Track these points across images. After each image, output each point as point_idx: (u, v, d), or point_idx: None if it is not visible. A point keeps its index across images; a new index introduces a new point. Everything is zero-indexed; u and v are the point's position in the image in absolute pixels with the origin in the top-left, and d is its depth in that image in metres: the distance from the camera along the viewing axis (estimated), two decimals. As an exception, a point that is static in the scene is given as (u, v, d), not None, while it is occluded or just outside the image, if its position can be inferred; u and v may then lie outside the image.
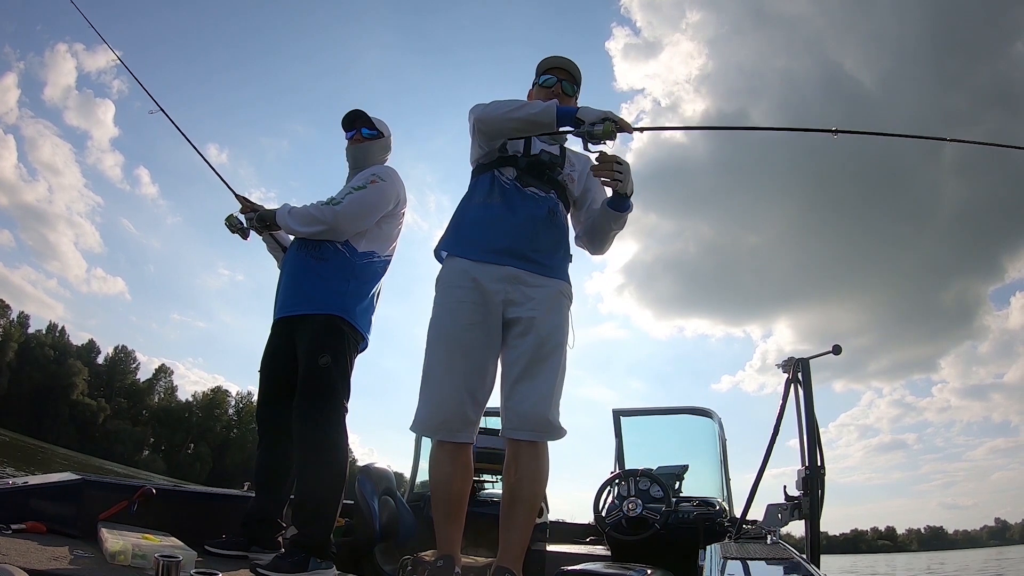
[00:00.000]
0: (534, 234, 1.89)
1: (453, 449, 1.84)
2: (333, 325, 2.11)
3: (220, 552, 2.02)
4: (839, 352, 2.27)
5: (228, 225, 2.44)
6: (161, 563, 1.40)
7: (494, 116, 1.90)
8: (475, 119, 1.93)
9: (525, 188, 1.94)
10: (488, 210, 1.91)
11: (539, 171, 1.97)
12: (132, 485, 2.08)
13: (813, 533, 2.08)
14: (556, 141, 2.08)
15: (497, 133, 1.94)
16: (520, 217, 1.89)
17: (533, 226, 1.90)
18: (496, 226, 1.89)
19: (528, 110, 1.86)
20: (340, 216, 2.14)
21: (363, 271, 2.21)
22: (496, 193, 1.93)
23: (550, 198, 1.97)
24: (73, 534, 1.80)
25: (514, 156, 1.98)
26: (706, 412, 3.13)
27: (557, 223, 1.97)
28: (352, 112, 2.36)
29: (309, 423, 2.02)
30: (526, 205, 1.92)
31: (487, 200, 1.93)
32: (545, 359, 1.84)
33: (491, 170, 1.97)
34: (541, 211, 1.93)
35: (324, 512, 2.00)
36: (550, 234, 1.94)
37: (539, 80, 2.10)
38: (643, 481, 2.64)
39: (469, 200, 1.99)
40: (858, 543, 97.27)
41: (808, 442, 2.20)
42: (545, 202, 1.95)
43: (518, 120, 1.87)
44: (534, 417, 1.80)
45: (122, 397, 56.48)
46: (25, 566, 1.35)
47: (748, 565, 1.50)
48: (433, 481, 1.88)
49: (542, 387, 1.82)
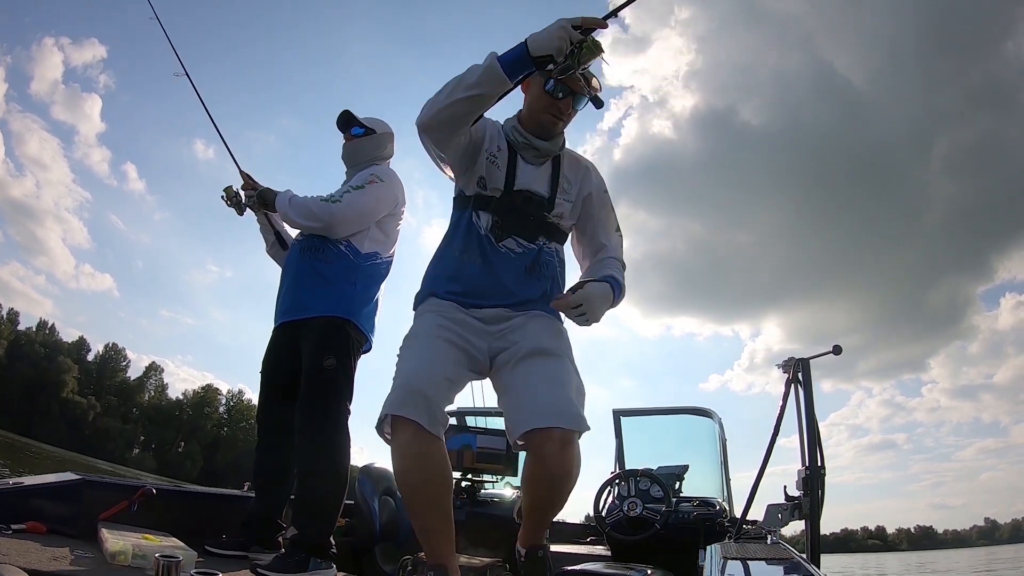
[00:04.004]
0: (517, 289, 1.67)
1: (421, 436, 1.44)
2: (338, 327, 2.11)
3: (220, 552, 2.01)
4: (839, 352, 2.28)
5: (225, 196, 2.42)
6: (161, 563, 1.39)
7: (433, 113, 1.56)
8: (418, 125, 1.60)
9: (499, 244, 1.66)
10: (465, 266, 1.67)
11: (520, 219, 1.67)
12: (132, 485, 2.07)
13: (813, 533, 2.09)
14: (543, 157, 1.73)
15: (448, 128, 1.58)
16: (499, 276, 1.66)
17: (515, 283, 1.67)
18: (474, 281, 1.66)
19: (467, 80, 1.51)
20: (337, 215, 2.12)
21: (367, 273, 2.21)
22: (473, 246, 1.67)
23: (532, 249, 1.68)
24: (73, 534, 1.79)
25: (492, 198, 1.68)
26: (706, 412, 3.15)
27: (545, 273, 1.71)
28: (340, 114, 2.35)
29: (312, 425, 2.02)
30: (503, 263, 1.66)
31: (463, 256, 1.68)
32: (550, 355, 1.61)
33: (468, 210, 1.70)
34: (519, 268, 1.68)
35: (325, 513, 1.99)
36: (537, 285, 1.69)
37: (546, 85, 1.67)
38: (643, 481, 2.64)
39: (448, 245, 1.73)
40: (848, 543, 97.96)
41: (808, 442, 2.21)
42: (524, 258, 1.68)
43: (460, 101, 1.52)
44: (558, 404, 1.51)
45: (112, 395, 56.17)
46: (25, 566, 1.34)
47: (748, 565, 1.51)
48: (405, 484, 1.50)
49: (556, 377, 1.57)
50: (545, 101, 1.68)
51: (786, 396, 2.30)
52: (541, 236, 1.70)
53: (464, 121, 1.58)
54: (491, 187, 1.68)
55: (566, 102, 1.68)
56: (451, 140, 1.61)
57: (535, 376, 1.57)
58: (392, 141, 2.39)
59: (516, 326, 1.65)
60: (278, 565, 1.84)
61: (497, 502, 2.90)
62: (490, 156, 1.69)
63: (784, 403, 2.29)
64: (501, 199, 1.67)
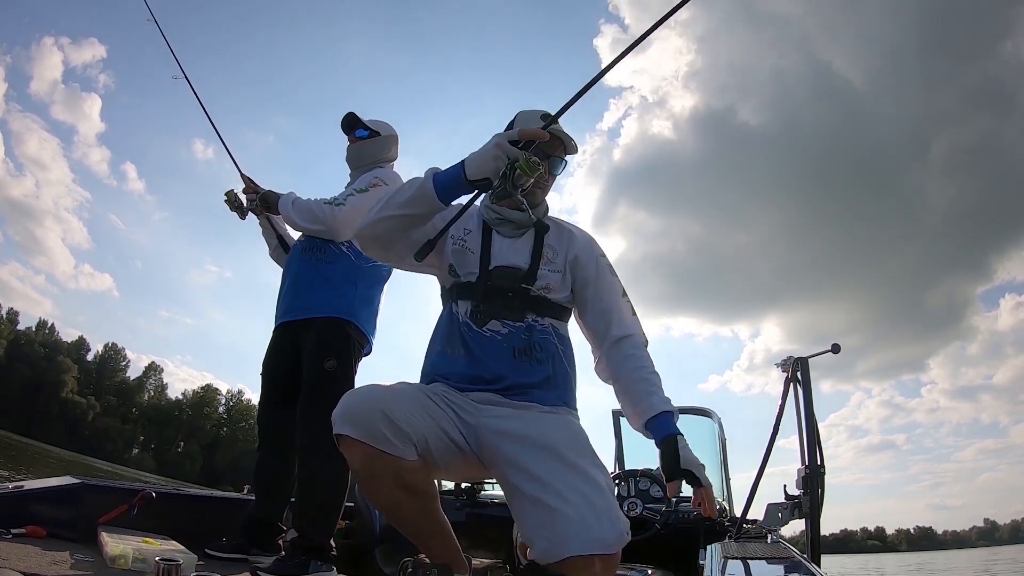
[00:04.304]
0: (509, 373, 1.45)
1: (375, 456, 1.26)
2: (339, 329, 2.10)
3: (220, 555, 1.99)
4: (838, 351, 2.29)
5: (227, 200, 2.42)
6: (161, 567, 1.40)
7: (365, 229, 1.47)
8: (354, 238, 1.50)
9: (483, 328, 1.47)
10: (450, 361, 1.49)
11: (501, 299, 1.48)
12: (132, 489, 2.06)
13: (813, 532, 2.10)
14: (521, 229, 1.55)
15: (382, 244, 1.49)
16: (485, 361, 1.45)
17: (507, 367, 1.45)
18: (461, 372, 1.47)
19: (398, 199, 1.43)
20: (340, 218, 2.12)
21: (369, 274, 2.20)
22: (455, 336, 1.49)
23: (519, 327, 1.47)
24: (73, 538, 1.78)
25: (468, 283, 1.51)
26: (706, 412, 3.15)
27: (541, 355, 1.47)
28: (344, 116, 2.36)
29: (313, 427, 2.01)
30: (488, 347, 1.46)
31: (446, 349, 1.51)
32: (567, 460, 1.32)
33: (448, 302, 1.55)
34: (507, 350, 1.46)
35: (326, 516, 1.99)
36: (536, 369, 1.46)
37: None
38: (643, 481, 2.65)
39: (432, 344, 1.57)
40: (848, 543, 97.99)
41: (808, 441, 2.22)
42: (512, 338, 1.46)
43: (392, 218, 1.42)
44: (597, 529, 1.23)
45: (112, 395, 56.11)
46: (25, 570, 1.34)
47: (749, 565, 1.51)
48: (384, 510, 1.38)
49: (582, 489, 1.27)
50: None
51: (785, 395, 2.31)
52: (529, 313, 1.49)
53: (398, 237, 1.46)
54: (464, 272, 1.52)
55: (544, 165, 1.50)
56: (389, 253, 1.52)
57: (557, 486, 1.28)
58: (396, 144, 2.40)
59: (518, 416, 1.40)
60: (278, 568, 1.84)
61: (497, 503, 2.90)
62: (456, 241, 1.55)
63: (783, 402, 2.31)
64: (477, 282, 1.50)
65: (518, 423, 1.38)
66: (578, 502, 1.25)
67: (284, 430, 2.10)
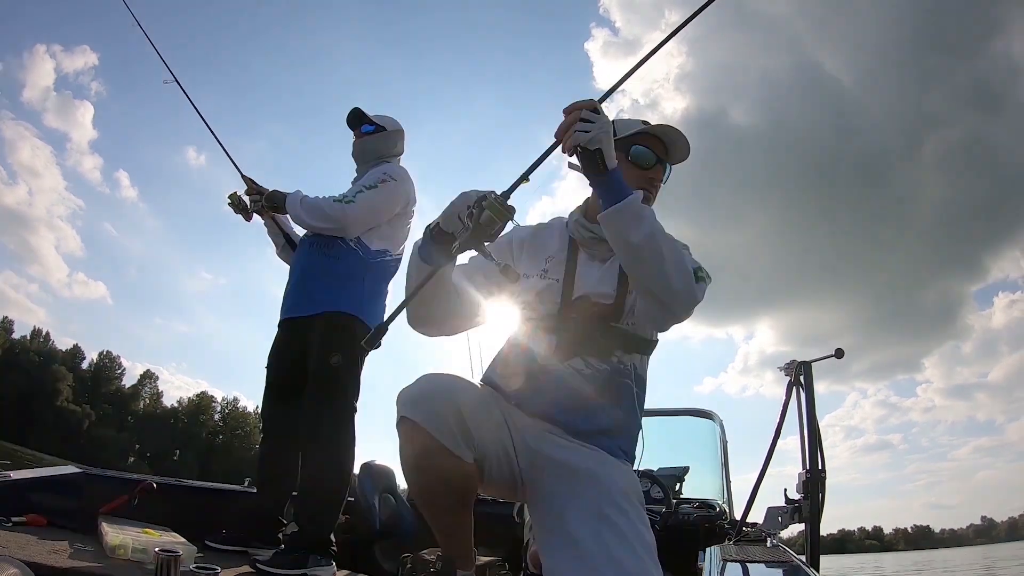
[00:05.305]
0: (582, 420, 1.38)
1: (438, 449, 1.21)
2: (346, 324, 2.10)
3: (220, 547, 2.01)
4: (842, 356, 2.28)
5: (231, 203, 2.42)
6: (161, 558, 1.39)
7: (410, 321, 1.39)
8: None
9: (563, 363, 1.38)
10: (519, 391, 1.41)
11: (583, 333, 1.39)
12: (133, 479, 2.07)
13: (813, 536, 2.09)
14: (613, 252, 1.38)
15: (434, 321, 1.41)
16: (559, 403, 1.38)
17: (581, 414, 1.37)
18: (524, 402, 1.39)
19: (407, 279, 1.37)
20: (351, 215, 2.12)
21: (376, 270, 2.20)
22: (532, 368, 1.41)
23: (603, 371, 1.38)
24: (73, 527, 1.79)
25: (548, 314, 1.41)
26: (707, 414, 3.15)
27: (616, 401, 1.39)
28: (350, 112, 2.35)
29: (318, 422, 2.01)
30: (565, 388, 1.38)
31: (515, 375, 1.44)
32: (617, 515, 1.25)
33: (525, 326, 1.46)
34: (582, 393, 1.38)
35: (327, 510, 1.99)
36: (606, 418, 1.38)
37: (628, 151, 1.38)
38: (643, 482, 2.63)
39: (506, 363, 1.48)
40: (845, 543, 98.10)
41: (809, 445, 2.21)
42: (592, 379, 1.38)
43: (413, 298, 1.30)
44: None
45: (107, 403, 55.83)
46: (25, 559, 1.34)
47: (748, 568, 1.51)
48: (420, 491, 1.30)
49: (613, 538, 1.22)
50: (633, 174, 1.35)
51: (787, 398, 2.30)
52: (616, 351, 1.38)
53: (440, 303, 1.36)
54: (546, 304, 1.40)
55: (657, 170, 1.39)
56: (449, 322, 1.42)
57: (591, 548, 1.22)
58: (402, 139, 2.40)
59: (576, 451, 1.34)
60: (278, 561, 1.84)
61: (496, 502, 2.90)
62: (541, 273, 1.43)
63: (786, 405, 2.29)
64: (559, 314, 1.39)
65: (577, 456, 1.32)
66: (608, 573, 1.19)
67: (287, 424, 2.11)
